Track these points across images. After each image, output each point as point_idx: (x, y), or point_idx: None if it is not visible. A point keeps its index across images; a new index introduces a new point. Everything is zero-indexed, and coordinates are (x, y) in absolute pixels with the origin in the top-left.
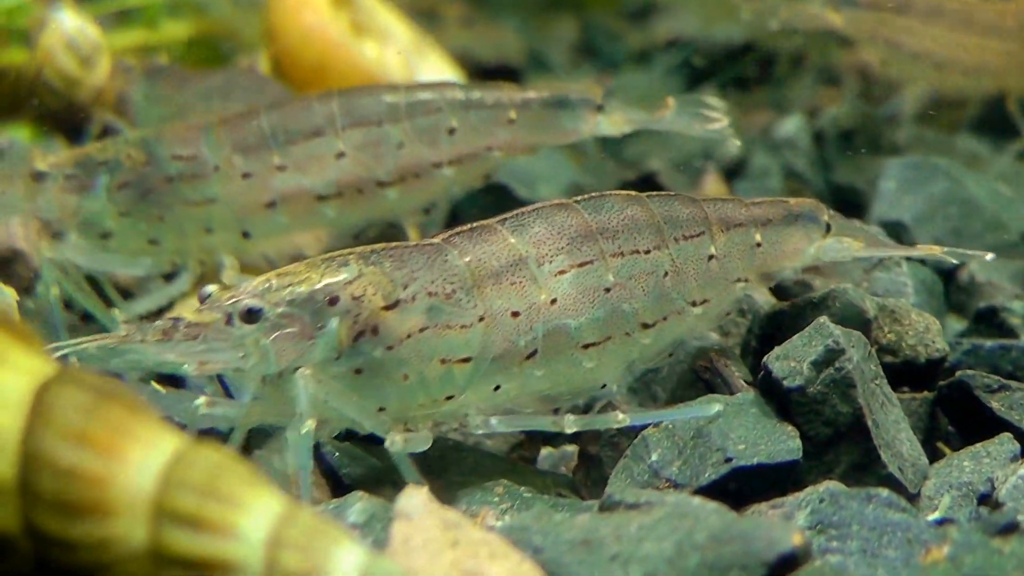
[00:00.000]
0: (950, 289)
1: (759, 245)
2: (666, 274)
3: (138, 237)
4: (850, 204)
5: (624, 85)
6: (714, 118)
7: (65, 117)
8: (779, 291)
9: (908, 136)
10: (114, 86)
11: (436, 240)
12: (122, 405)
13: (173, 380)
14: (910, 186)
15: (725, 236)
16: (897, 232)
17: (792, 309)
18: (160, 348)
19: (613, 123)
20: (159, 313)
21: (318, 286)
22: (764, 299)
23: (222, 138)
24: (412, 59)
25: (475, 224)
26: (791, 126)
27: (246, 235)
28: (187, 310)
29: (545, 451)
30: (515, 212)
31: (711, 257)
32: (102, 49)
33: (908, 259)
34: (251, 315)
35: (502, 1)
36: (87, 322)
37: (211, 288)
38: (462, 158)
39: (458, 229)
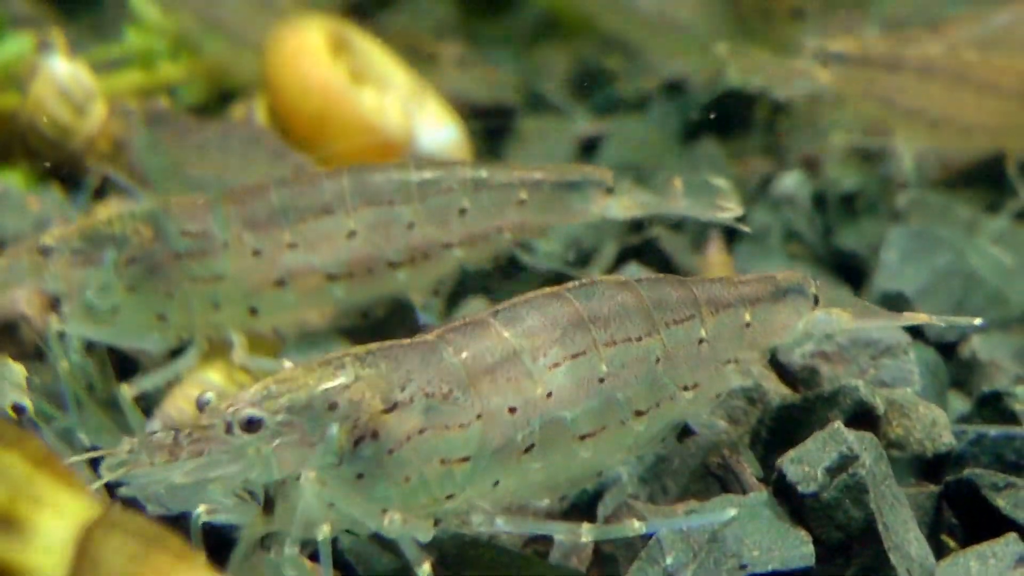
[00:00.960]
0: (951, 365)
1: (749, 325)
2: (658, 360)
3: (146, 312)
4: (852, 270)
5: (621, 132)
6: (724, 207)
7: (59, 164)
8: (786, 375)
9: (909, 199)
10: (113, 130)
11: (430, 337)
12: (169, 552)
13: None
14: (912, 257)
15: (715, 319)
16: (899, 304)
17: (804, 403)
18: (168, 470)
19: (622, 206)
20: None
21: (316, 392)
22: (773, 387)
23: (231, 214)
24: (410, 105)
25: (468, 319)
26: (790, 182)
27: (254, 311)
28: (184, 399)
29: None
30: (508, 303)
31: (701, 340)
32: (96, 95)
33: (912, 339)
34: (251, 425)
35: (492, 35)
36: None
37: (209, 395)
38: (473, 239)
39: (452, 324)
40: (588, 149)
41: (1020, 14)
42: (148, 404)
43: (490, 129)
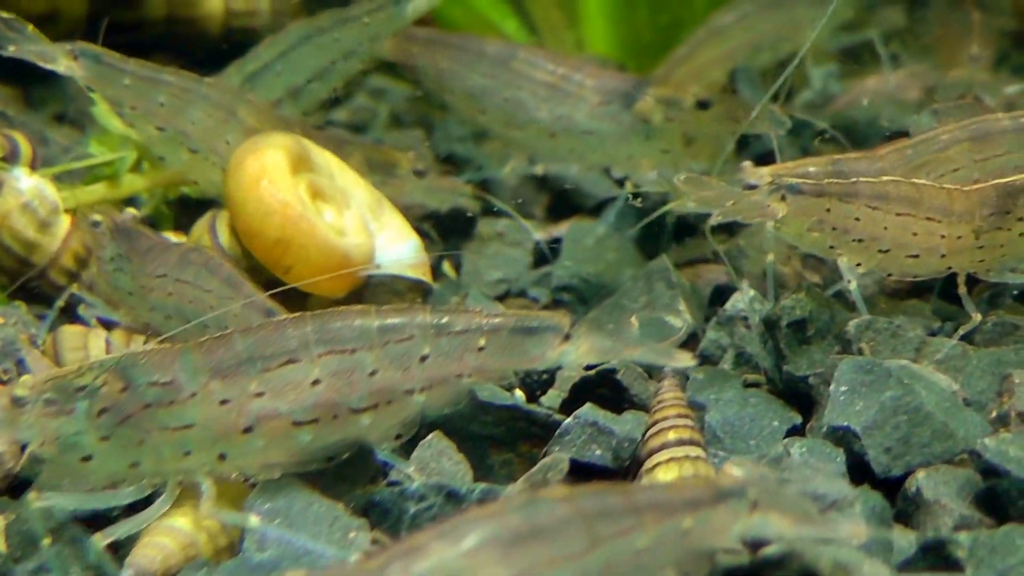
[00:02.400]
0: (896, 500)
1: (688, 531)
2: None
3: (119, 460)
4: (803, 398)
5: (577, 236)
6: (677, 357)
7: (24, 281)
8: None
9: (859, 325)
10: (77, 245)
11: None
12: None
13: None
14: (861, 391)
15: (656, 528)
16: (847, 440)
17: (751, 567)
18: None
19: (579, 353)
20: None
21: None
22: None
23: (199, 364)
24: (371, 221)
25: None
26: (743, 303)
27: (223, 457)
28: (153, 548)
29: None
30: (451, 522)
31: (640, 551)
32: (60, 209)
33: (858, 483)
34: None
35: (447, 133)
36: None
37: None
38: (433, 384)
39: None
40: (545, 256)
41: (956, 135)
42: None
43: (449, 236)
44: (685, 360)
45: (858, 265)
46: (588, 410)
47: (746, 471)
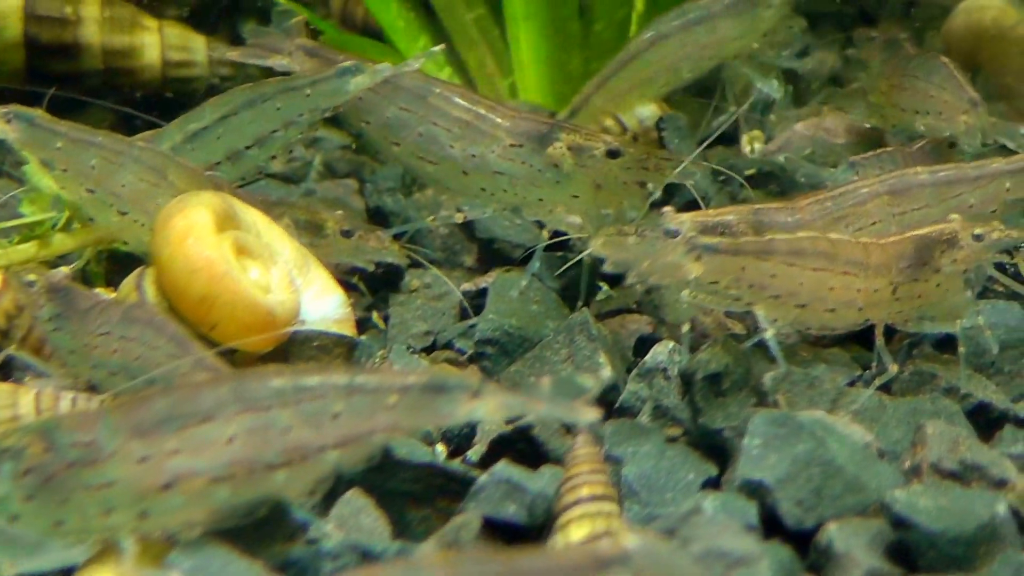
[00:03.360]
0: (809, 552)
1: None
2: None
3: (44, 520)
4: (719, 451)
5: (500, 287)
6: (582, 412)
7: None
8: None
9: (775, 377)
10: (8, 305)
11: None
12: None
13: None
14: (774, 445)
15: None
16: (760, 493)
17: None
18: None
19: (488, 409)
20: None
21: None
22: None
23: (119, 424)
24: (296, 276)
25: None
26: (663, 355)
27: (144, 515)
28: None
29: None
30: None
31: None
32: None
33: (765, 540)
34: None
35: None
36: None
37: None
38: (346, 441)
39: None
40: (472, 305)
41: (875, 189)
42: None
43: (378, 288)
44: (591, 416)
45: (774, 320)
46: (503, 467)
47: (639, 539)
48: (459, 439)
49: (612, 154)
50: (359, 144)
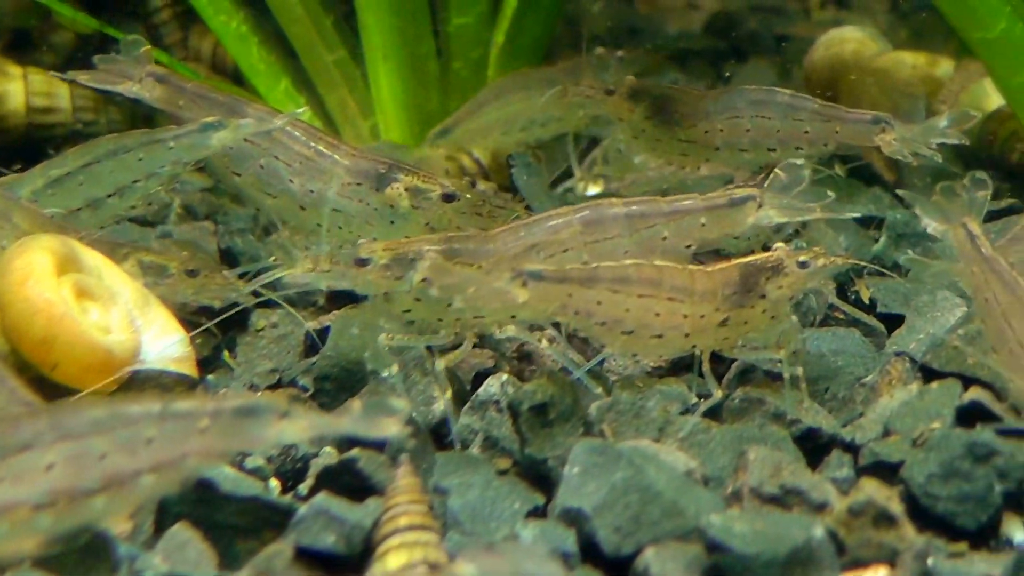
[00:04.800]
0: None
1: None
2: None
3: None
4: (544, 480)
5: (342, 324)
6: (383, 427)
7: None
8: None
9: (601, 407)
10: None
11: None
12: None
13: None
14: (593, 473)
15: None
16: (579, 520)
17: None
18: None
19: (296, 429)
20: None
21: None
22: None
23: None
24: (137, 317)
25: None
26: (494, 387)
27: None
28: None
29: None
30: None
31: None
32: None
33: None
34: None
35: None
36: None
37: None
38: (160, 466)
39: None
40: (315, 346)
41: (568, 219)
42: None
43: (226, 328)
44: (393, 430)
45: (602, 346)
46: (322, 498)
47: (473, 567)
48: (293, 474)
49: (447, 198)
50: (216, 185)
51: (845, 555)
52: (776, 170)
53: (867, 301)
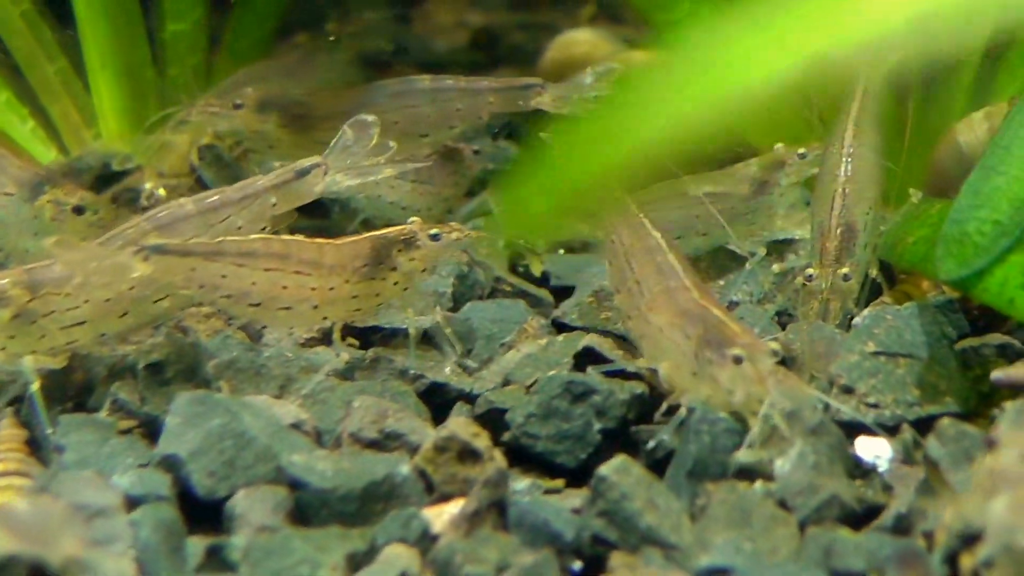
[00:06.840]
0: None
1: None
2: None
3: None
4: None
5: None
6: None
7: None
8: None
9: (219, 364)
10: None
11: None
12: None
13: None
14: (193, 422)
15: None
16: (176, 466)
17: None
18: None
19: None
20: None
21: None
22: None
23: None
24: None
25: None
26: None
27: None
28: None
29: None
30: None
31: None
32: None
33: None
34: None
35: None
36: None
37: None
38: None
39: None
40: None
41: (142, 226)
42: None
43: None
44: None
45: (229, 321)
46: None
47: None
48: None
49: (77, 211)
50: None
51: (434, 492)
52: (344, 127)
53: (538, 275)
